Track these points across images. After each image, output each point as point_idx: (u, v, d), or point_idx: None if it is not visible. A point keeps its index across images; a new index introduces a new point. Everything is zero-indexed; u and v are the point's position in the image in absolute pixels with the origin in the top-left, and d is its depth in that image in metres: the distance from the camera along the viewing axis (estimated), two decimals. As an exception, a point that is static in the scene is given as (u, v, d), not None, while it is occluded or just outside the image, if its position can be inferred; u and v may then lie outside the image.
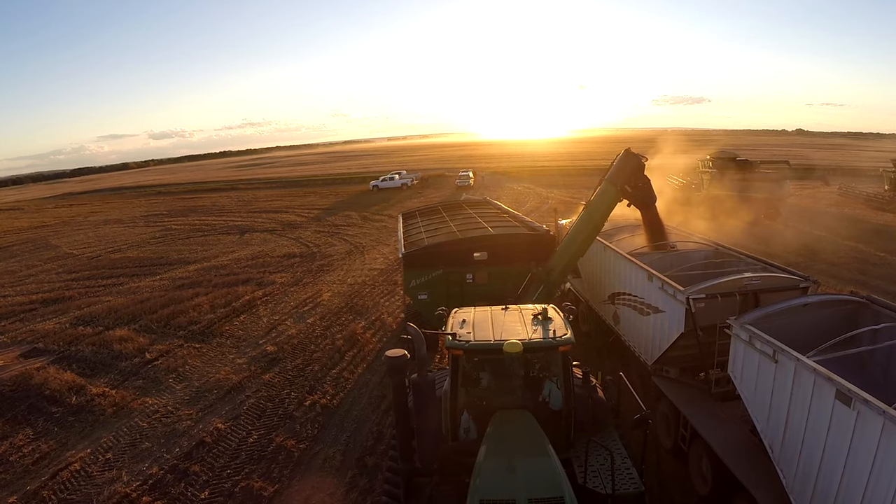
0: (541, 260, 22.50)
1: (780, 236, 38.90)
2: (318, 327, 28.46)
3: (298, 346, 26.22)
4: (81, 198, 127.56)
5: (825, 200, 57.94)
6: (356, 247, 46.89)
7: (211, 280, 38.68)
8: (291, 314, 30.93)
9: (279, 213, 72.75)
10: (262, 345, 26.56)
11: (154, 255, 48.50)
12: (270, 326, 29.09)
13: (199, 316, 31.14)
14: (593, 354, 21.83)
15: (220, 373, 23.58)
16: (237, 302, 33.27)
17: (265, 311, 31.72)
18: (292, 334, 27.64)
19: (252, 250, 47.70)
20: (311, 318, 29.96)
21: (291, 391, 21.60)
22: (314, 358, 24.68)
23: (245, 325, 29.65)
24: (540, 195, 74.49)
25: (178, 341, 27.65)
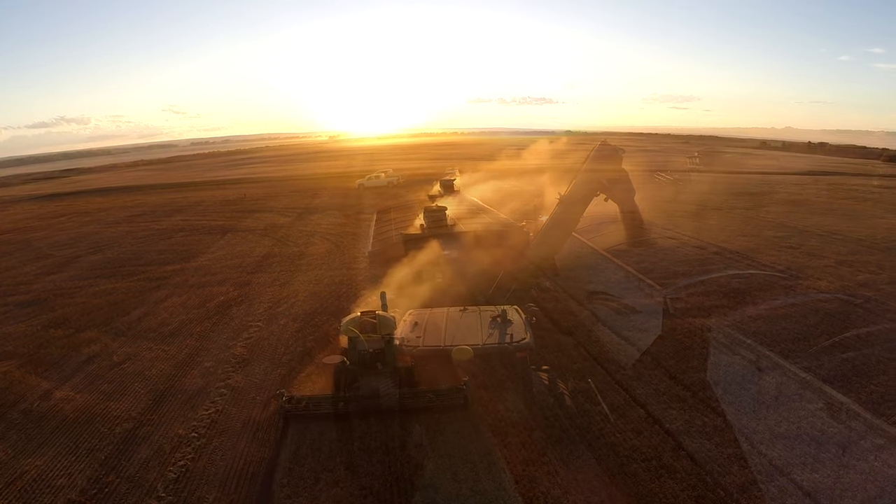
0: (515, 254, 23.08)
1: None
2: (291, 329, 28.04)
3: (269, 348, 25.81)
4: None
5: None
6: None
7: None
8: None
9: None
10: (231, 348, 26.08)
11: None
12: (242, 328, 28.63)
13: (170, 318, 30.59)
14: (564, 358, 21.85)
15: (187, 376, 23.12)
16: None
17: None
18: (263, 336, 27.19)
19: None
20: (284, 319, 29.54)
21: (257, 395, 21.23)
22: (283, 361, 24.26)
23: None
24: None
25: (147, 343, 27.08)
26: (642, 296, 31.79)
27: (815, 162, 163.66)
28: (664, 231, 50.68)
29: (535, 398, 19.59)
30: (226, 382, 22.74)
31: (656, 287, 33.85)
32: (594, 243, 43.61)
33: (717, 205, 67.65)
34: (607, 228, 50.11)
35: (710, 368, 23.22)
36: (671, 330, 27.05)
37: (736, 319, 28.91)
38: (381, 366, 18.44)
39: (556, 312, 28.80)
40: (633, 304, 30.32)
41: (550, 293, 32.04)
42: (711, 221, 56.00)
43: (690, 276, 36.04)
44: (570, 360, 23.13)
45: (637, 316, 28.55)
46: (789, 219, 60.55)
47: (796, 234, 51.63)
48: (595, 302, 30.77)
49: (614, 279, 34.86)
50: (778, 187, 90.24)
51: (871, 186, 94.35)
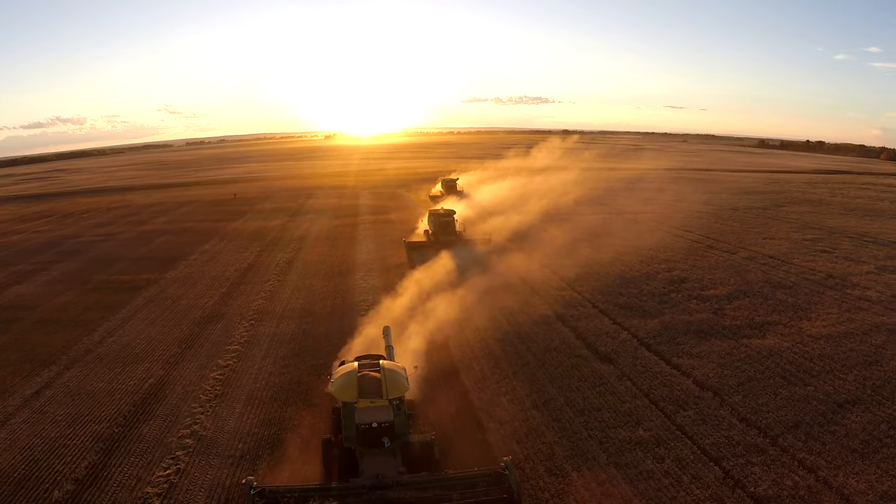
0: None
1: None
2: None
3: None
4: None
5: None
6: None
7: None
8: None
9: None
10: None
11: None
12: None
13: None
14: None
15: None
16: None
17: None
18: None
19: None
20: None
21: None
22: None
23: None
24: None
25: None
26: (681, 311, 27.29)
27: (817, 161, 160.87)
28: (686, 233, 46.35)
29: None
30: (191, 429, 18.01)
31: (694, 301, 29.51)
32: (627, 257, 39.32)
33: (733, 204, 63.42)
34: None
35: (789, 406, 18.76)
36: (727, 354, 22.56)
37: (796, 340, 24.49)
38: (388, 442, 13.06)
39: (590, 333, 24.22)
40: (671, 321, 25.84)
41: (580, 308, 27.50)
42: (732, 223, 51.74)
43: (730, 285, 31.64)
44: (619, 400, 18.57)
45: (684, 337, 23.99)
46: (812, 219, 56.41)
47: (826, 237, 47.48)
48: (632, 319, 26.24)
49: (647, 290, 30.35)
50: (788, 186, 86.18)
51: (883, 185, 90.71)
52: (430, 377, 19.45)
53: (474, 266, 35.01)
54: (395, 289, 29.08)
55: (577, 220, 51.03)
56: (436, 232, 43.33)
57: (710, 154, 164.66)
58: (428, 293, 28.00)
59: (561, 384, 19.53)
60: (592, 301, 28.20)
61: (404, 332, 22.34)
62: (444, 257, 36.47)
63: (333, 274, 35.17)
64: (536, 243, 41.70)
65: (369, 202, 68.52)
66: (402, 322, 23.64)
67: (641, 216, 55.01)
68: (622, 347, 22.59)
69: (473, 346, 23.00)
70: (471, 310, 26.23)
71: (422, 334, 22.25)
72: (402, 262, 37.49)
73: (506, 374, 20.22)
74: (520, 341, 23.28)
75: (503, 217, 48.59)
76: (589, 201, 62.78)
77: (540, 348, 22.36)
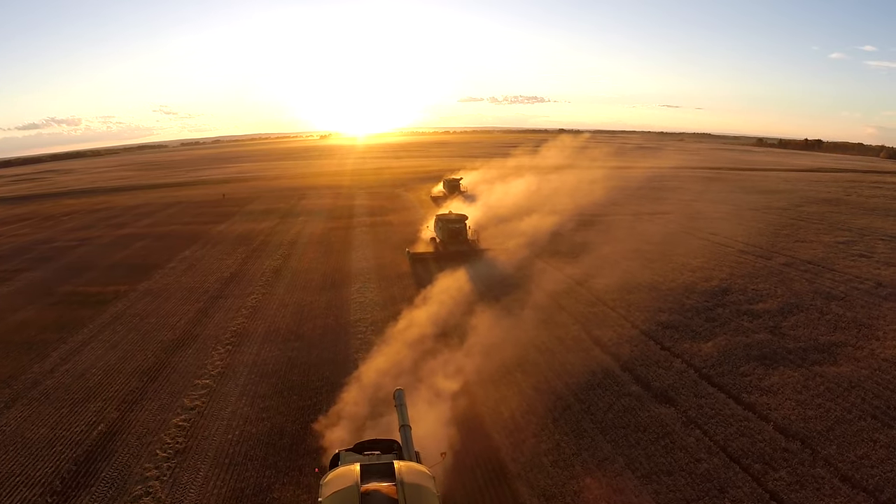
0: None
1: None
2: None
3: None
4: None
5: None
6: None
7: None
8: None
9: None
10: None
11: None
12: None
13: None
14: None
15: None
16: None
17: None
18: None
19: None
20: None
21: None
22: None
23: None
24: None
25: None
26: (734, 331, 23.03)
27: (819, 159, 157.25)
28: (712, 235, 42.18)
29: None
30: (141, 503, 13.63)
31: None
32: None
33: (751, 204, 59.32)
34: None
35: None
36: (802, 386, 18.35)
37: (873, 366, 20.35)
38: None
39: (637, 362, 19.91)
40: (727, 344, 21.59)
41: (617, 328, 23.12)
42: (756, 224, 47.63)
43: (778, 297, 27.45)
44: (692, 459, 14.26)
45: (747, 365, 19.73)
46: (836, 219, 52.40)
47: (858, 239, 43.47)
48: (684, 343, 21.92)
49: (689, 305, 26.01)
50: (800, 185, 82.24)
51: (892, 184, 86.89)
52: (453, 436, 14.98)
53: (495, 283, 29.93)
54: (399, 315, 23.95)
55: (602, 223, 46.90)
56: (444, 240, 37.33)
57: (713, 153, 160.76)
58: (442, 321, 23.32)
59: (615, 437, 15.16)
60: (630, 319, 23.86)
61: (417, 377, 17.85)
62: (458, 271, 31.26)
63: (326, 285, 30.55)
64: (560, 249, 37.30)
65: (366, 202, 63.97)
66: (411, 366, 18.78)
67: (658, 217, 50.84)
68: (679, 381, 18.26)
69: (497, 381, 18.60)
70: (494, 338, 21.81)
71: (440, 377, 17.77)
72: (404, 271, 32.98)
73: (544, 423, 15.79)
74: (554, 375, 18.85)
75: (521, 221, 43.83)
76: (609, 202, 57.94)
77: (580, 384, 17.95)
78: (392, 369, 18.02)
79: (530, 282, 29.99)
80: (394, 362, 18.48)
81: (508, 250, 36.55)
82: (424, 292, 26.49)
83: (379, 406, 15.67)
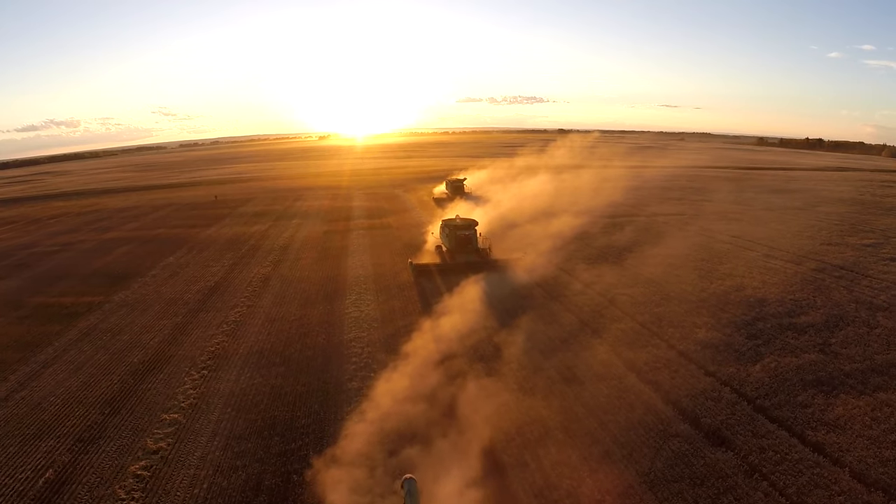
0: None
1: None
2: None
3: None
4: None
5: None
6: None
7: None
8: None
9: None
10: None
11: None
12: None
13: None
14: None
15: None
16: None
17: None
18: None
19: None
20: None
21: None
22: None
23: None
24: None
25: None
26: (781, 350, 20.15)
27: (822, 158, 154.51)
28: (734, 238, 39.32)
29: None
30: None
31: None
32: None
33: (766, 203, 56.56)
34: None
35: None
36: (871, 420, 15.52)
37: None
38: None
39: (680, 392, 16.93)
40: (776, 366, 18.73)
41: (650, 347, 20.14)
42: (775, 225, 44.85)
43: (819, 309, 24.62)
44: None
45: (804, 393, 16.86)
46: (856, 220, 49.47)
47: (884, 241, 40.66)
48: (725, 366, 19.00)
49: (725, 319, 23.12)
50: (810, 184, 79.47)
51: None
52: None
53: (511, 303, 25.80)
54: (398, 343, 20.87)
55: (636, 225, 44.04)
56: (452, 249, 32.97)
57: (719, 152, 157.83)
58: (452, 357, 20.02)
59: (668, 494, 12.27)
60: (663, 336, 20.91)
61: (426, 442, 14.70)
62: (469, 286, 27.12)
63: (318, 297, 27.52)
64: (583, 257, 34.32)
65: (364, 204, 61.06)
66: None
67: (675, 218, 48.02)
68: (732, 416, 15.34)
69: (519, 420, 15.67)
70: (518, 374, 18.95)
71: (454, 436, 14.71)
72: (405, 281, 29.98)
73: (579, 475, 12.91)
74: (585, 410, 15.85)
75: (546, 224, 40.61)
76: (623, 203, 54.92)
77: (619, 423, 14.96)
78: (393, 421, 15.17)
79: (556, 300, 26.33)
80: (393, 412, 15.56)
81: (524, 258, 32.38)
82: (429, 321, 23.01)
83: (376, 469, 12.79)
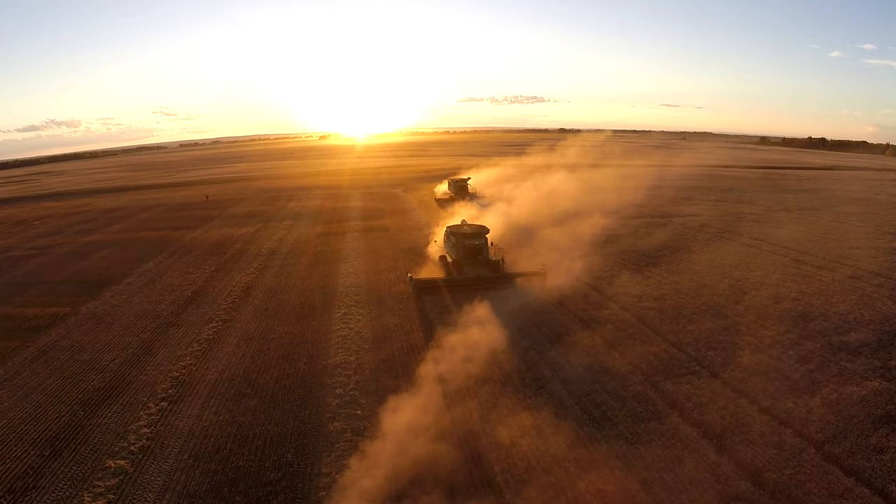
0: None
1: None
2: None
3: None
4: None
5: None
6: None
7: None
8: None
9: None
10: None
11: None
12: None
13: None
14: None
15: None
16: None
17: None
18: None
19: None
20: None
21: None
22: None
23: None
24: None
25: None
26: (838, 377, 17.20)
27: (827, 157, 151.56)
28: (756, 241, 36.35)
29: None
30: None
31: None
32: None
33: (782, 203, 53.63)
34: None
35: None
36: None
37: None
38: None
39: (737, 437, 13.52)
40: (837, 398, 15.78)
41: (686, 372, 17.05)
42: (794, 226, 41.87)
43: (868, 324, 21.66)
44: None
45: (875, 433, 13.91)
46: (878, 221, 46.49)
47: (915, 244, 37.88)
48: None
49: (770, 337, 20.13)
50: (821, 183, 76.39)
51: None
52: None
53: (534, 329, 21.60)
54: (395, 376, 17.72)
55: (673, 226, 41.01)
56: (460, 261, 28.05)
57: (728, 152, 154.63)
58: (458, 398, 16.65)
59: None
60: (703, 362, 17.84)
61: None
62: (481, 309, 22.73)
63: (303, 311, 24.41)
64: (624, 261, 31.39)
65: (361, 204, 58.05)
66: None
67: (690, 220, 45.07)
68: (800, 469, 12.27)
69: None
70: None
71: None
72: (400, 291, 26.85)
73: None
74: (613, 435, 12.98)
75: (559, 228, 37.40)
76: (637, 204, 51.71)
77: (665, 484, 11.90)
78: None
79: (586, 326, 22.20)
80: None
81: (545, 273, 27.46)
82: (430, 353, 19.39)
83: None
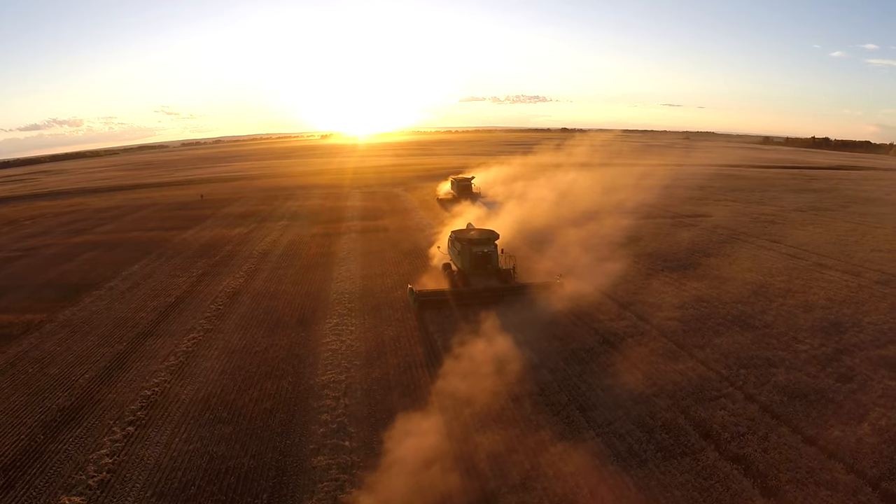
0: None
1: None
2: None
3: None
4: None
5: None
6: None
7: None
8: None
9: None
10: None
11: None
12: None
13: None
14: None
15: None
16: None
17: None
18: None
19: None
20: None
21: None
22: None
23: None
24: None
25: None
26: (883, 399, 15.33)
27: (832, 157, 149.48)
28: (773, 244, 34.47)
29: None
30: None
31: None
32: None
33: (795, 204, 51.70)
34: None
35: None
36: None
37: None
38: None
39: (784, 478, 11.58)
40: (886, 424, 13.93)
41: (718, 397, 15.13)
42: (813, 229, 40.05)
43: None
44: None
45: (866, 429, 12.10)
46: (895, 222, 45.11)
47: (937, 246, 36.01)
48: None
49: (802, 351, 18.27)
50: (831, 183, 74.40)
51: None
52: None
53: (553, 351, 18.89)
54: (390, 400, 15.81)
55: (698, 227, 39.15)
56: (466, 270, 25.28)
57: (729, 151, 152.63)
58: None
59: None
60: (736, 382, 15.89)
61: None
62: (487, 320, 20.78)
63: (291, 320, 22.47)
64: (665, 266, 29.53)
65: (359, 204, 56.22)
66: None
67: (703, 221, 43.21)
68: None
69: None
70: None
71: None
72: (397, 299, 24.89)
73: None
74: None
75: (577, 230, 35.52)
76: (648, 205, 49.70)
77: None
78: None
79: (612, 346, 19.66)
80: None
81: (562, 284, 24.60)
82: (432, 373, 17.40)
83: None
